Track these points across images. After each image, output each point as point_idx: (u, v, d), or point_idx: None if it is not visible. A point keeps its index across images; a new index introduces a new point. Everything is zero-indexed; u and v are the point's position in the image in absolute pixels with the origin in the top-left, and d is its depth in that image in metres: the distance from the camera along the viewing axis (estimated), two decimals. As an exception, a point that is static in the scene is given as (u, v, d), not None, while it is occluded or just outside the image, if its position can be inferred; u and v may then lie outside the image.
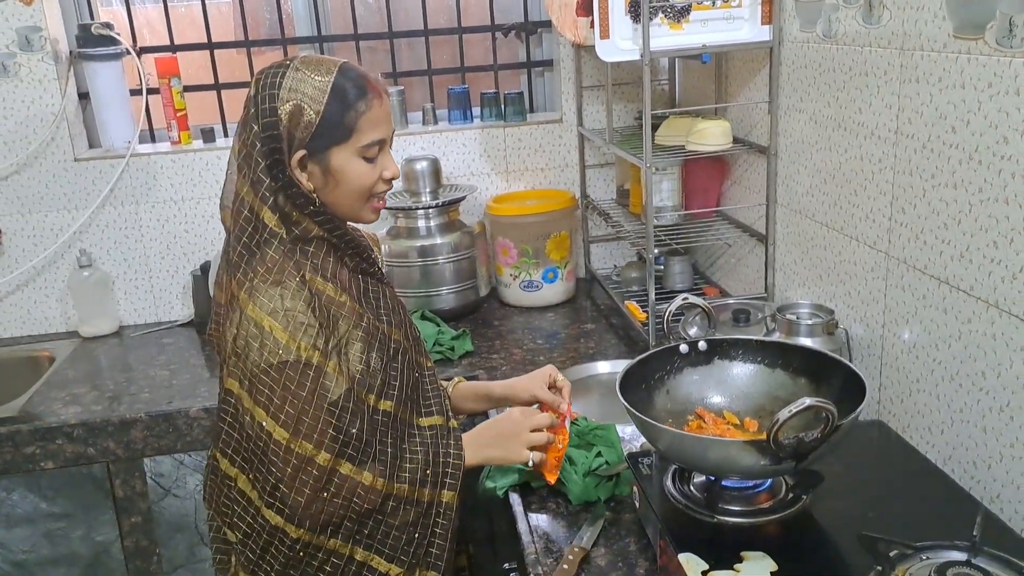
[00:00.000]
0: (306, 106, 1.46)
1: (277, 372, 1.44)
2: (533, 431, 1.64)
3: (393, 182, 1.59)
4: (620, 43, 2.06)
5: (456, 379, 1.89)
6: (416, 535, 1.53)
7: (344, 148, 1.50)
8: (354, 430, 1.49)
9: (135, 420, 2.26)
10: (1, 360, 2.77)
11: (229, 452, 1.55)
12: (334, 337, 1.50)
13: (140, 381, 2.48)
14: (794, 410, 1.22)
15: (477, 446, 1.64)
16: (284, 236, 1.49)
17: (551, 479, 1.66)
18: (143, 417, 2.26)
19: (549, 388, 1.76)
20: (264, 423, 1.44)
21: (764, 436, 1.25)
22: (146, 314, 2.92)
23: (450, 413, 1.73)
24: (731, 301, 2.21)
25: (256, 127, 1.47)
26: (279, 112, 1.46)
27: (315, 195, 1.51)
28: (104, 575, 2.38)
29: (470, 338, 2.47)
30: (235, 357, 1.48)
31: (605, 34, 2.04)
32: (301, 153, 1.48)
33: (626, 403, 1.43)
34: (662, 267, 2.63)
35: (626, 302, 2.46)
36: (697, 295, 2.52)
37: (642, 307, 2.37)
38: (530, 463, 1.63)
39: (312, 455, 1.44)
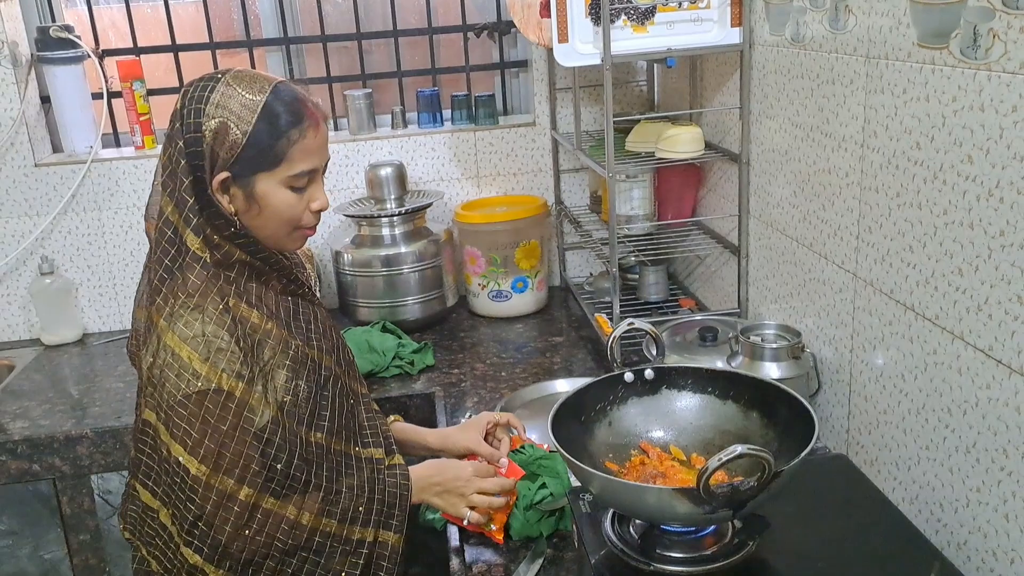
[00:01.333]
0: (232, 125, 1.37)
1: (195, 404, 1.35)
2: (480, 493, 1.55)
3: (321, 213, 1.50)
4: (580, 47, 1.95)
5: (392, 418, 1.80)
6: (344, 574, 1.43)
7: (271, 176, 1.41)
8: (279, 465, 1.40)
9: (81, 436, 2.18)
10: (-41, 369, 2.70)
11: (150, 484, 1.47)
12: (258, 364, 1.41)
13: (94, 393, 2.39)
14: (723, 459, 1.11)
15: (422, 488, 1.55)
16: (208, 260, 1.40)
17: (498, 538, 1.57)
18: (89, 434, 2.18)
19: (487, 437, 1.69)
20: (181, 458, 1.35)
21: (693, 483, 1.15)
22: (111, 321, 2.84)
23: (392, 446, 1.64)
24: (698, 318, 2.10)
25: (180, 143, 1.39)
26: (203, 128, 1.37)
27: (236, 218, 1.42)
28: (53, 595, 2.31)
29: (432, 351, 2.38)
30: (151, 387, 1.39)
31: (564, 37, 1.93)
32: (224, 175, 1.39)
33: (556, 441, 1.33)
34: (637, 276, 2.53)
35: (596, 315, 2.36)
36: (672, 307, 2.43)
37: (611, 320, 2.27)
38: (465, 522, 1.54)
39: (233, 491, 1.35)
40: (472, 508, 1.55)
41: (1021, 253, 1.17)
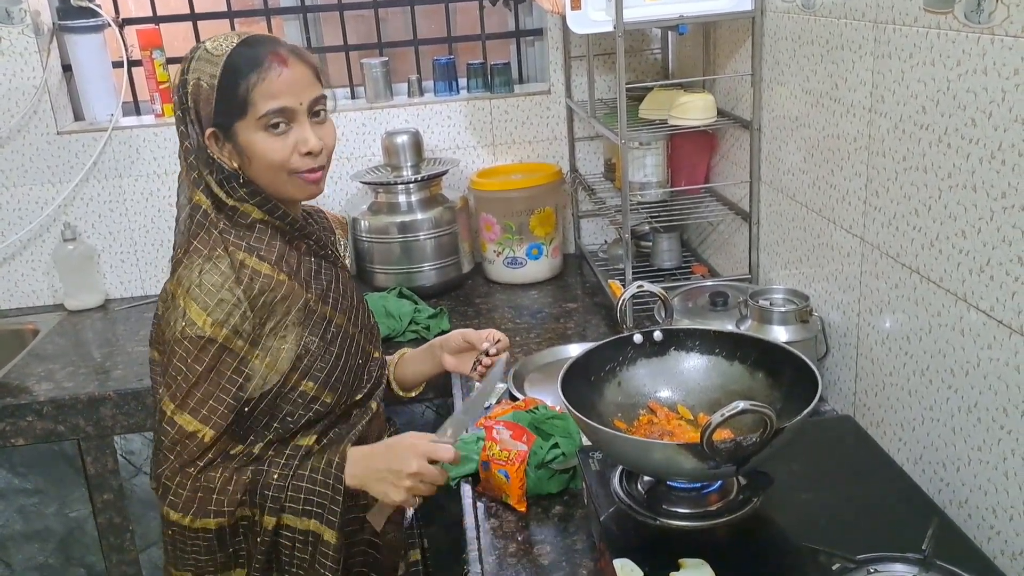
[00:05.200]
0: (203, 81, 1.43)
1: (179, 346, 1.41)
2: (429, 461, 1.45)
3: (321, 154, 1.49)
4: (593, 14, 1.97)
5: (400, 352, 1.87)
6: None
7: (245, 123, 1.44)
8: (247, 408, 1.47)
9: (104, 398, 2.23)
10: (-14, 333, 2.76)
11: None
12: (267, 319, 1.46)
13: (116, 357, 2.45)
14: (726, 414, 1.14)
15: (363, 470, 1.48)
16: (212, 211, 1.46)
17: (521, 508, 1.58)
18: (112, 395, 2.23)
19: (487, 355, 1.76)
20: (160, 392, 1.44)
21: (698, 439, 1.18)
22: (132, 287, 2.89)
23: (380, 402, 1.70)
24: (709, 283, 2.13)
25: (179, 112, 1.47)
26: (188, 92, 1.44)
27: (240, 173, 1.47)
28: (79, 551, 2.37)
29: (447, 317, 2.41)
30: (160, 332, 1.47)
31: (577, 5, 1.95)
32: (210, 130, 1.44)
33: (566, 400, 1.36)
34: (650, 243, 2.55)
35: (609, 281, 2.38)
36: (685, 273, 2.45)
37: (624, 286, 2.29)
38: (409, 510, 1.56)
39: (201, 434, 1.42)
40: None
41: (1022, 215, 1.18)
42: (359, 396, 1.62)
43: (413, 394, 1.86)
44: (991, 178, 1.24)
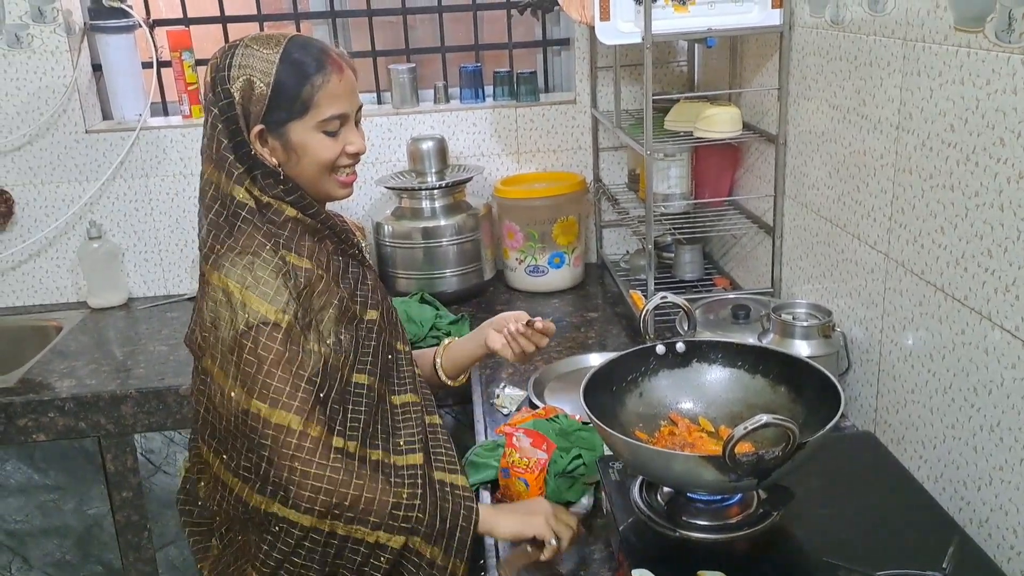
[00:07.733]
0: (256, 79, 1.44)
1: (247, 339, 1.40)
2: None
3: (359, 156, 1.56)
4: (621, 25, 1.97)
5: (447, 341, 1.88)
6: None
7: (303, 123, 1.47)
8: (322, 393, 1.47)
9: (126, 396, 2.25)
10: (10, 328, 2.79)
11: (207, 437, 1.52)
12: (310, 313, 1.48)
13: (138, 355, 2.46)
14: (749, 427, 1.14)
15: (495, 512, 1.52)
16: (254, 207, 1.47)
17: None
18: (133, 393, 2.25)
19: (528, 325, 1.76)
20: (233, 393, 1.41)
21: (720, 452, 1.18)
22: (155, 287, 2.91)
23: (426, 393, 1.70)
24: (731, 296, 2.13)
25: (214, 110, 1.47)
26: (232, 91, 1.45)
27: (280, 170, 1.49)
28: (96, 548, 2.38)
29: (469, 323, 2.42)
30: (207, 333, 1.45)
31: (605, 15, 1.95)
32: (259, 127, 1.46)
33: (588, 409, 1.37)
34: (672, 254, 2.55)
35: (631, 291, 2.39)
36: (707, 285, 2.45)
37: (646, 297, 2.30)
38: (550, 542, 1.44)
39: (288, 422, 1.39)
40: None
41: (1050, 235, 1.19)
42: (394, 388, 1.64)
43: (456, 383, 1.86)
44: (1019, 198, 1.24)
